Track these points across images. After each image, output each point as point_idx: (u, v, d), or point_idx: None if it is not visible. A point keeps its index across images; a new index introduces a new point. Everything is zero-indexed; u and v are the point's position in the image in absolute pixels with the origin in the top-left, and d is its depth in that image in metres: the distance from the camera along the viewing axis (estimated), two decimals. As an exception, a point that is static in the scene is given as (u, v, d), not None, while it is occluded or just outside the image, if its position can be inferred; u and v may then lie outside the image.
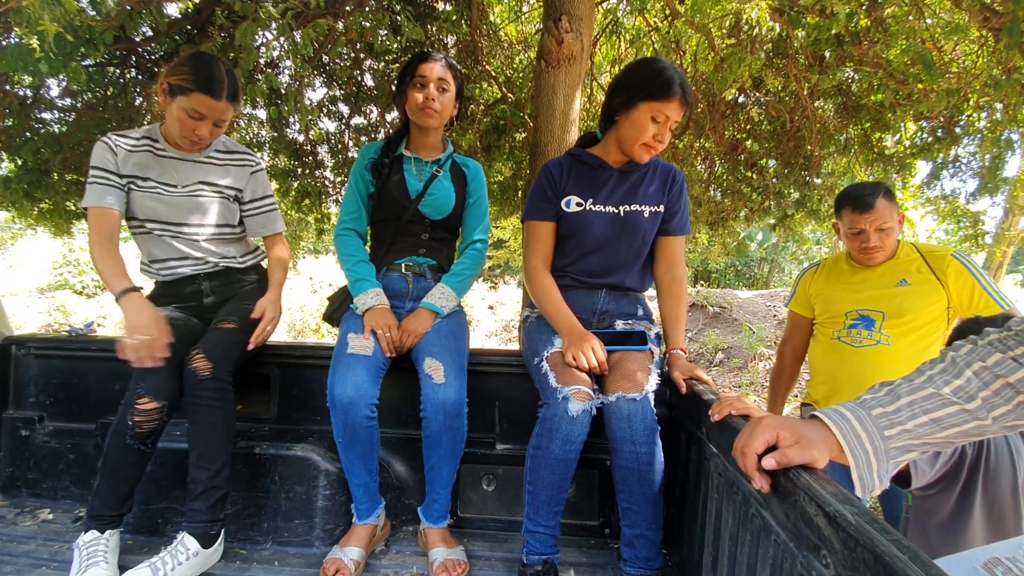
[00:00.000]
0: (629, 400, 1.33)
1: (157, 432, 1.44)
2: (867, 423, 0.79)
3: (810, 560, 0.77)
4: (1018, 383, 0.77)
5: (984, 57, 3.63)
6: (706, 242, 6.85)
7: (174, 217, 1.62)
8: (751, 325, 7.97)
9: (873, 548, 0.62)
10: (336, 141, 4.78)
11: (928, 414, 0.78)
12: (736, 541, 1.07)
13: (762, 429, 0.85)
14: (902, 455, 0.79)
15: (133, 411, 1.39)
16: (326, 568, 1.46)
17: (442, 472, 1.52)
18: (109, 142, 1.56)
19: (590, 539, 1.71)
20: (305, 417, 1.84)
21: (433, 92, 1.59)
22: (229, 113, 1.54)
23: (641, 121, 1.46)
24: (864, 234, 1.73)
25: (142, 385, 1.41)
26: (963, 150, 4.29)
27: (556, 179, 1.61)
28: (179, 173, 1.62)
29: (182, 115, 1.49)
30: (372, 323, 1.53)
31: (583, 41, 2.73)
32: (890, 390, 0.82)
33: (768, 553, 0.92)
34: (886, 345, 1.71)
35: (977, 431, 0.78)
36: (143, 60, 3.41)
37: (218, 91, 1.48)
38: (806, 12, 3.22)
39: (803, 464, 0.82)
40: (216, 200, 1.67)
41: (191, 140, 1.55)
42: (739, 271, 16.64)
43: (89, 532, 1.38)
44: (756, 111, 4.52)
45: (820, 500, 0.74)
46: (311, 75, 4.16)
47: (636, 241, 1.59)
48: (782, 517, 0.87)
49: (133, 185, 1.57)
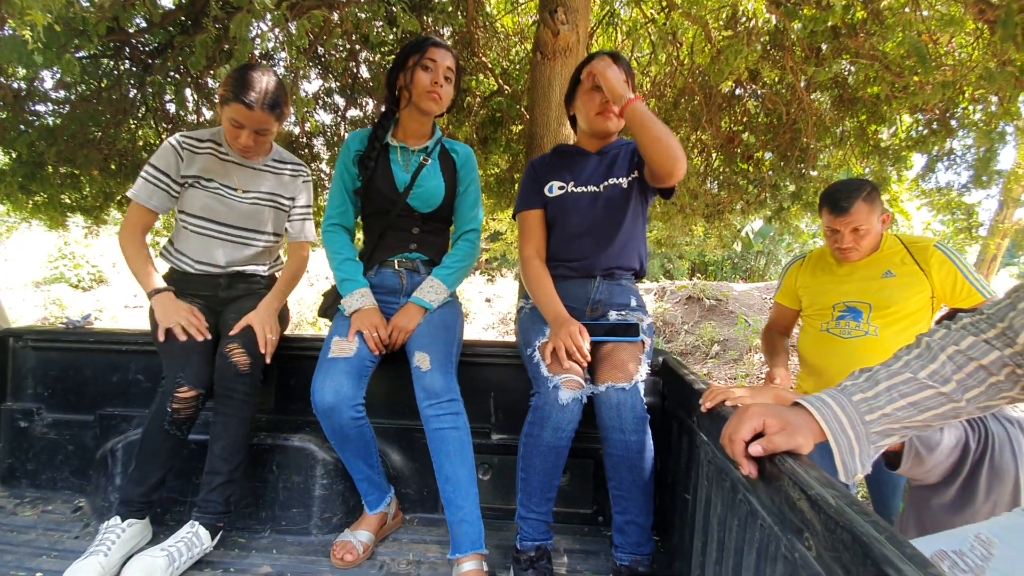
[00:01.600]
0: (619, 390, 1.35)
1: (192, 419, 1.48)
2: (848, 409, 0.81)
3: (793, 542, 0.80)
4: (991, 365, 0.79)
5: (979, 49, 3.64)
6: (702, 234, 6.86)
7: (233, 220, 1.68)
8: (747, 318, 8.01)
9: (852, 529, 0.64)
10: (332, 133, 4.77)
11: (906, 398, 0.80)
12: (724, 526, 1.09)
13: (749, 417, 0.87)
14: (883, 439, 0.81)
15: (173, 399, 1.43)
16: (335, 550, 1.49)
17: (459, 482, 1.41)
18: (176, 145, 1.62)
19: (584, 527, 1.74)
20: (303, 408, 1.86)
21: (441, 78, 1.57)
22: (270, 123, 1.57)
23: (585, 97, 1.61)
24: (839, 234, 1.75)
25: (182, 374, 1.46)
26: (958, 143, 4.30)
27: (539, 172, 1.69)
28: (240, 178, 1.68)
29: (226, 124, 1.56)
30: (358, 324, 1.53)
31: (579, 33, 2.73)
32: (869, 376, 0.84)
33: (755, 537, 0.94)
34: (874, 336, 1.73)
35: (952, 413, 0.80)
36: (137, 52, 3.39)
37: (253, 101, 1.50)
38: (803, 4, 3.22)
39: (788, 450, 0.84)
40: (272, 209, 1.74)
41: (238, 148, 1.60)
42: (736, 264, 16.67)
43: (113, 518, 1.42)
44: (752, 103, 4.52)
45: (803, 484, 0.76)
46: (306, 67, 4.14)
47: (620, 216, 1.61)
48: (768, 502, 0.89)
49: (197, 184, 1.63)
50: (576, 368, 1.40)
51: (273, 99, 1.54)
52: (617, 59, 1.56)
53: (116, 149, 3.95)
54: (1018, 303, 0.80)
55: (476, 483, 1.45)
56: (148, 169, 1.60)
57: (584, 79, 1.59)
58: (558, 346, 1.41)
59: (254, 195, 1.70)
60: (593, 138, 1.67)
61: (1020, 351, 0.78)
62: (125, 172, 4.12)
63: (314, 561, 1.50)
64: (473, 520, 1.41)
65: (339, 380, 1.43)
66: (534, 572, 1.38)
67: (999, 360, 0.79)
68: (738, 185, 4.84)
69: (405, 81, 1.58)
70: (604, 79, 1.49)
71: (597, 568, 1.52)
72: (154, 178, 1.60)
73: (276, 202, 1.74)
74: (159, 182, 1.61)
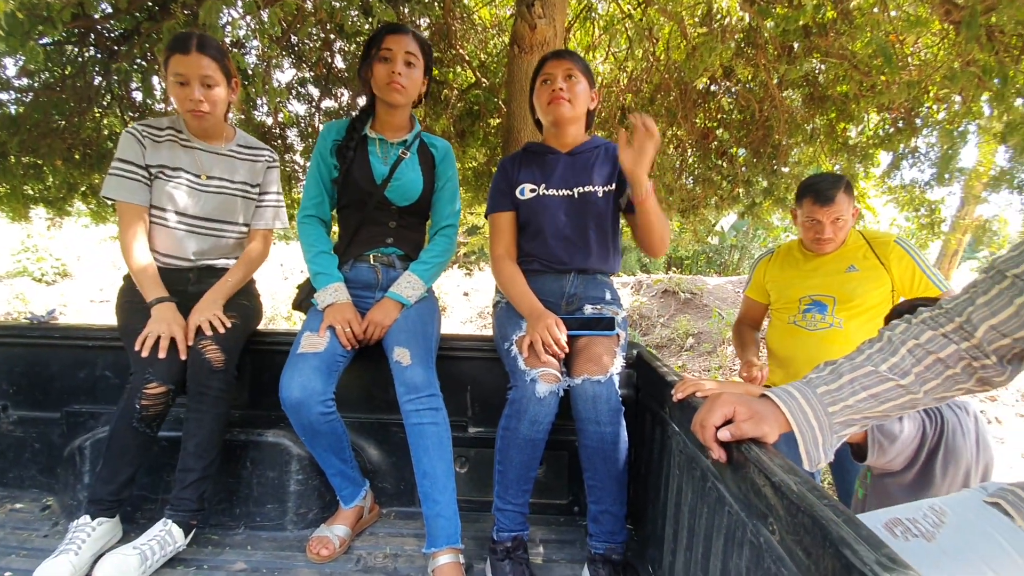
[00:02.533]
0: (594, 382, 1.37)
1: (162, 416, 1.45)
2: (812, 401, 0.84)
3: (759, 527, 0.83)
4: (947, 358, 0.83)
5: (945, 50, 3.76)
6: (678, 229, 6.96)
7: (201, 212, 1.64)
8: (720, 311, 8.16)
9: (812, 513, 0.67)
10: (306, 124, 4.69)
11: (867, 390, 0.84)
12: (695, 514, 1.13)
13: (720, 404, 0.90)
14: (845, 429, 0.85)
15: (141, 395, 1.40)
16: (311, 545, 1.48)
17: (437, 477, 1.42)
18: (137, 133, 1.57)
19: (559, 517, 1.76)
20: (276, 403, 1.82)
21: (400, 67, 1.53)
22: (213, 71, 1.53)
23: (539, 92, 1.64)
24: (820, 225, 1.80)
25: (151, 370, 1.42)
26: (922, 141, 4.44)
27: (509, 172, 1.68)
28: (204, 164, 1.64)
29: (173, 90, 1.52)
30: (331, 319, 1.52)
31: (556, 27, 2.74)
32: (833, 369, 0.88)
33: (723, 523, 0.97)
34: (838, 328, 1.79)
35: (910, 404, 0.84)
36: (102, 38, 3.28)
37: (186, 46, 1.49)
38: (775, 2, 3.28)
39: (755, 437, 0.87)
40: (242, 199, 1.71)
41: (193, 112, 1.53)
42: (710, 258, 16.95)
43: (83, 516, 1.39)
44: (726, 100, 4.60)
45: (768, 471, 0.79)
46: (279, 56, 4.06)
47: (595, 222, 1.61)
48: (735, 489, 0.92)
49: (162, 175, 1.59)
50: (553, 361, 1.41)
51: (207, 42, 1.52)
52: (571, 56, 1.56)
53: (80, 139, 3.83)
54: (976, 298, 0.83)
55: (454, 478, 1.46)
56: (117, 164, 1.55)
57: (636, 124, 1.42)
58: (535, 339, 1.43)
59: (219, 182, 1.66)
60: (555, 130, 1.66)
61: (977, 344, 0.82)
62: (90, 162, 3.99)
63: (289, 556, 1.50)
64: (450, 515, 1.42)
65: (307, 375, 1.42)
66: (510, 562, 1.39)
67: (956, 354, 0.83)
68: (712, 181, 4.92)
69: (368, 75, 1.58)
70: (647, 152, 1.40)
71: (572, 557, 1.55)
72: (126, 171, 1.55)
73: (244, 191, 1.71)
74: (133, 174, 1.56)
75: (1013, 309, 0.79)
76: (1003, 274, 0.81)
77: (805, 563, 0.68)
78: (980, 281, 0.85)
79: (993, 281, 0.82)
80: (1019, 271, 0.79)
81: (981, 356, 0.83)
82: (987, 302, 0.82)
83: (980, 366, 0.83)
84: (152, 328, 1.46)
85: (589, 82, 1.61)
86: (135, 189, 1.56)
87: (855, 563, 0.57)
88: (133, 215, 1.57)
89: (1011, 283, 0.80)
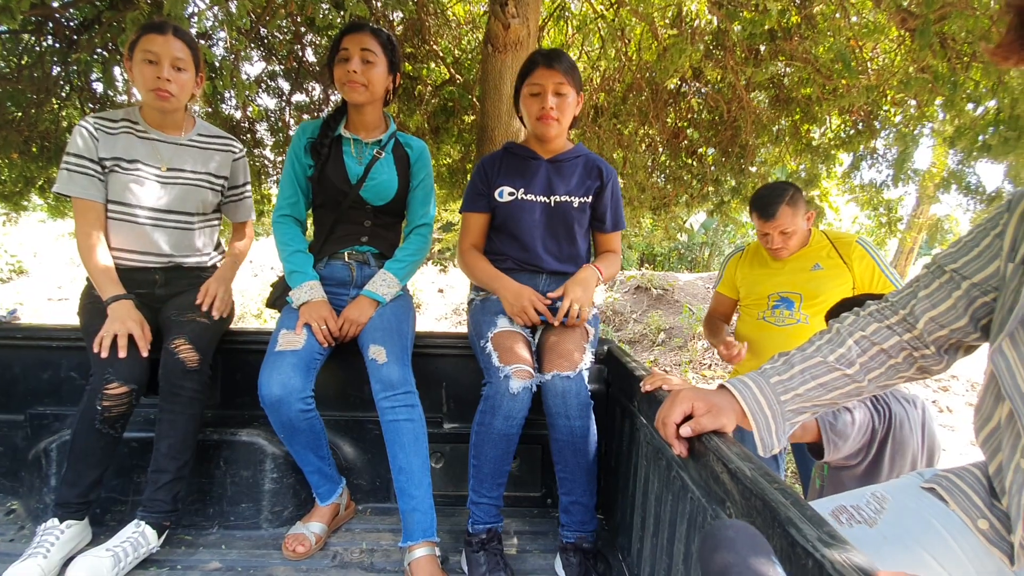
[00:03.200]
0: (563, 378, 1.41)
1: (126, 416, 1.42)
2: (766, 390, 0.90)
3: (718, 512, 0.88)
4: (890, 348, 0.90)
5: (901, 56, 3.92)
6: (650, 226, 7.09)
7: (163, 204, 1.59)
8: (691, 307, 8.35)
9: (763, 496, 0.72)
10: (276, 119, 4.61)
11: (816, 379, 0.90)
12: (660, 501, 1.18)
13: (680, 401, 0.95)
14: (797, 416, 0.91)
15: (102, 396, 1.37)
16: (287, 542, 1.49)
17: (413, 472, 1.44)
18: (88, 126, 1.52)
19: (533, 509, 1.81)
20: (249, 402, 1.83)
21: (356, 64, 1.51)
22: (185, 55, 1.51)
23: (526, 102, 1.61)
24: (769, 236, 1.91)
25: (110, 370, 1.39)
26: (881, 143, 4.64)
27: (488, 172, 1.69)
28: (163, 155, 1.59)
29: (141, 66, 1.47)
30: (306, 317, 1.52)
31: (529, 26, 2.77)
32: (786, 360, 0.93)
33: (686, 509, 1.03)
34: (805, 324, 1.88)
35: (855, 392, 0.91)
36: (61, 27, 3.17)
37: (162, 27, 1.47)
38: (742, 7, 3.37)
39: (714, 430, 0.92)
40: (206, 190, 1.66)
41: (157, 91, 1.49)
42: (682, 254, 17.28)
43: (51, 519, 1.37)
44: (696, 100, 4.70)
45: (725, 459, 0.84)
46: (247, 48, 3.99)
47: (569, 230, 1.66)
48: (696, 477, 0.98)
49: (118, 168, 1.53)
50: (527, 359, 1.45)
51: (182, 30, 1.50)
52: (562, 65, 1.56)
53: (38, 131, 3.70)
54: (918, 292, 0.90)
55: (429, 473, 1.48)
56: (67, 159, 1.50)
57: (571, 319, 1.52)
58: (522, 309, 1.48)
59: (180, 174, 1.61)
60: (546, 144, 1.67)
61: (918, 335, 0.89)
62: (47, 155, 3.86)
63: (265, 555, 1.50)
64: (425, 509, 1.44)
65: (286, 373, 1.42)
66: (485, 554, 1.43)
67: (898, 344, 0.90)
68: (683, 179, 5.04)
69: (332, 77, 1.59)
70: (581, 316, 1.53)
71: (545, 547, 1.59)
72: (77, 167, 1.50)
73: (208, 183, 1.67)
74: (85, 169, 1.51)
75: (951, 302, 0.85)
76: (943, 269, 0.87)
77: (758, 543, 0.74)
78: (922, 276, 0.91)
79: (933, 276, 0.89)
80: (956, 266, 0.86)
81: (921, 346, 0.89)
82: (928, 295, 0.88)
83: (920, 356, 0.90)
84: (109, 328, 1.42)
85: (577, 89, 1.61)
86: (87, 184, 1.51)
87: (799, 540, 0.62)
88: (87, 211, 1.52)
89: (949, 277, 0.86)
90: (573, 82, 1.58)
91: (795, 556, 0.63)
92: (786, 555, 0.65)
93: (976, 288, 0.83)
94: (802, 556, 0.62)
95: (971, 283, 0.83)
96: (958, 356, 0.91)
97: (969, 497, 0.81)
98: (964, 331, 0.86)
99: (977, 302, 0.83)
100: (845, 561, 0.57)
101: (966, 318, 0.85)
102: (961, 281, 0.84)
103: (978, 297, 0.83)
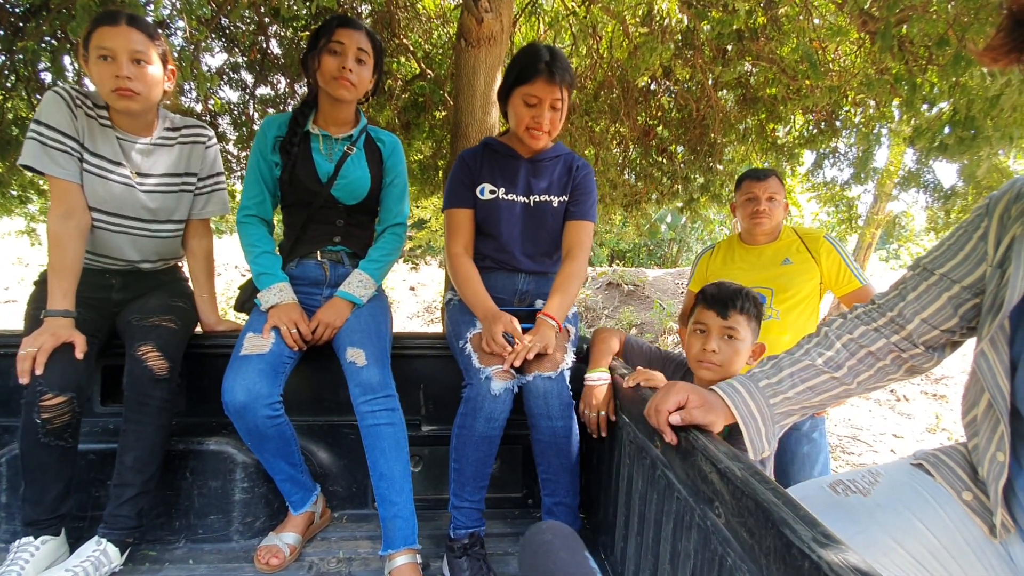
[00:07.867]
0: (545, 379, 1.40)
1: (73, 425, 1.33)
2: (755, 394, 0.91)
3: (706, 511, 0.88)
4: (878, 351, 0.92)
5: (862, 58, 4.05)
6: (620, 223, 7.15)
7: (126, 211, 1.48)
8: (661, 302, 8.48)
9: (755, 496, 0.72)
10: (239, 112, 4.45)
11: (805, 383, 0.91)
12: (645, 501, 1.18)
13: (675, 392, 0.96)
14: (785, 419, 0.92)
15: (39, 409, 1.27)
16: (260, 555, 1.43)
17: (394, 479, 1.40)
18: (67, 96, 1.36)
19: (515, 510, 1.79)
20: (217, 410, 1.73)
21: (351, 62, 1.46)
22: (145, 47, 1.36)
23: (517, 107, 1.52)
24: (756, 199, 1.96)
25: (42, 380, 1.27)
26: (842, 142, 4.78)
27: (471, 167, 1.64)
28: (132, 160, 1.46)
29: (97, 64, 1.33)
30: (275, 320, 1.46)
31: (503, 21, 2.73)
32: (775, 363, 0.94)
33: (672, 509, 1.02)
34: (776, 319, 1.91)
35: (844, 394, 0.92)
36: (6, 13, 2.98)
37: (115, 17, 1.34)
38: (711, 6, 3.42)
39: (703, 424, 0.92)
40: (173, 194, 1.55)
41: (119, 91, 1.35)
42: (651, 250, 17.56)
43: (26, 536, 1.29)
44: (666, 99, 4.76)
45: (713, 459, 0.84)
46: (208, 38, 3.83)
47: (548, 230, 1.65)
48: (683, 476, 0.97)
49: (84, 161, 1.40)
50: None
51: (139, 18, 1.36)
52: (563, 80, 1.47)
53: (-20, 123, 3.46)
54: (906, 294, 0.92)
55: (411, 478, 1.45)
56: (39, 130, 1.32)
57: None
58: (489, 344, 1.42)
59: (147, 179, 1.49)
60: (522, 143, 1.63)
61: (907, 336, 0.91)
62: (-8, 149, 3.62)
63: (236, 568, 1.44)
64: (407, 516, 1.41)
65: (251, 378, 1.36)
66: (468, 559, 1.40)
67: (886, 347, 0.92)
68: (653, 176, 5.09)
69: (314, 68, 1.49)
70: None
71: (527, 549, 1.58)
72: (53, 140, 1.34)
73: (180, 187, 1.56)
74: (62, 145, 1.35)
75: (941, 303, 0.88)
76: (930, 272, 0.90)
77: (749, 543, 0.73)
78: (908, 278, 0.94)
79: (921, 278, 0.91)
80: (945, 270, 0.88)
81: (910, 347, 0.91)
82: (917, 297, 0.90)
83: (909, 356, 0.92)
84: (34, 341, 1.28)
85: (572, 83, 1.54)
86: (66, 163, 1.35)
87: (794, 540, 0.62)
88: (66, 193, 1.36)
89: (939, 280, 0.89)
90: (571, 93, 1.54)
91: (790, 557, 0.63)
92: (781, 556, 0.65)
93: (967, 291, 0.86)
94: (798, 557, 0.61)
95: (962, 286, 0.86)
96: (947, 353, 0.93)
97: (954, 471, 0.85)
98: (954, 330, 0.89)
99: (967, 304, 0.86)
100: (842, 562, 0.57)
101: (956, 318, 0.88)
102: (952, 284, 0.87)
103: (968, 299, 0.86)
